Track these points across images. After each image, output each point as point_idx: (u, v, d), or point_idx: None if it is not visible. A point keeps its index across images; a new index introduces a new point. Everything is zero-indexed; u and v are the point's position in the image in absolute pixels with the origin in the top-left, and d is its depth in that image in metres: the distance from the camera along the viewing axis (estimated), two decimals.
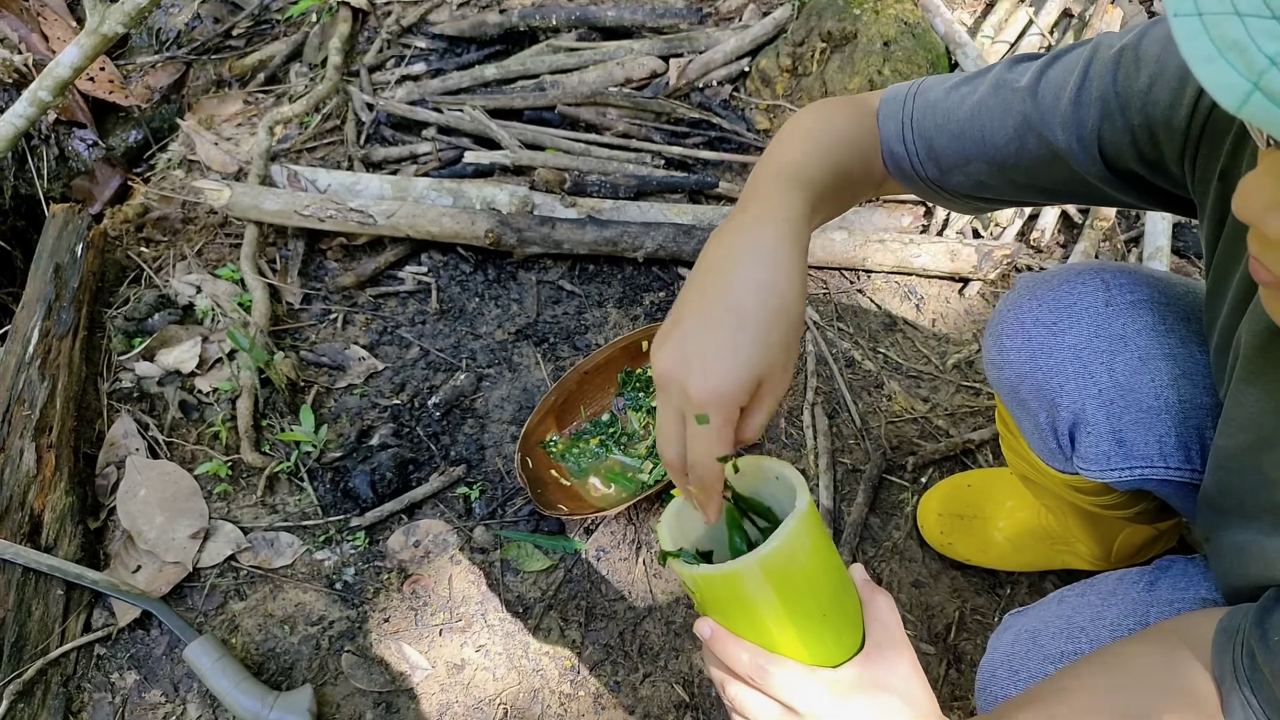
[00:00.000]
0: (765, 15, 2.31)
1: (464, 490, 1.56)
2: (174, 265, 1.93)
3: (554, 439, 1.60)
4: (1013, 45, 2.19)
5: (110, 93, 2.39)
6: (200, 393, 1.70)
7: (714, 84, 2.23)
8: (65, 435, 1.56)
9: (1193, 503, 0.91)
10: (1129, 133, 0.74)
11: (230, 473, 1.59)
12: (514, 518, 1.53)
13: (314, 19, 2.51)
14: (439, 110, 2.19)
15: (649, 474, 1.54)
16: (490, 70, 2.28)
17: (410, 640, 1.41)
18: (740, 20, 2.35)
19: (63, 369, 1.63)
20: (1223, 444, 0.80)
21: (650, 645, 1.39)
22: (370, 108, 2.22)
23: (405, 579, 1.47)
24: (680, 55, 2.26)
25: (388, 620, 1.43)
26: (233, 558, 1.50)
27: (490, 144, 2.13)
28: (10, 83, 2.29)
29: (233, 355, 1.70)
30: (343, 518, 1.54)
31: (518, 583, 1.46)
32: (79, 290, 1.76)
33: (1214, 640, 0.72)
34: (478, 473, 1.59)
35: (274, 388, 1.68)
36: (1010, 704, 0.77)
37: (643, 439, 1.60)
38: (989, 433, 1.57)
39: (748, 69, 2.24)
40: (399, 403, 1.69)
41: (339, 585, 1.47)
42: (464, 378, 1.71)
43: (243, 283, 1.84)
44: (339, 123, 2.23)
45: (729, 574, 0.68)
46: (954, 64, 2.13)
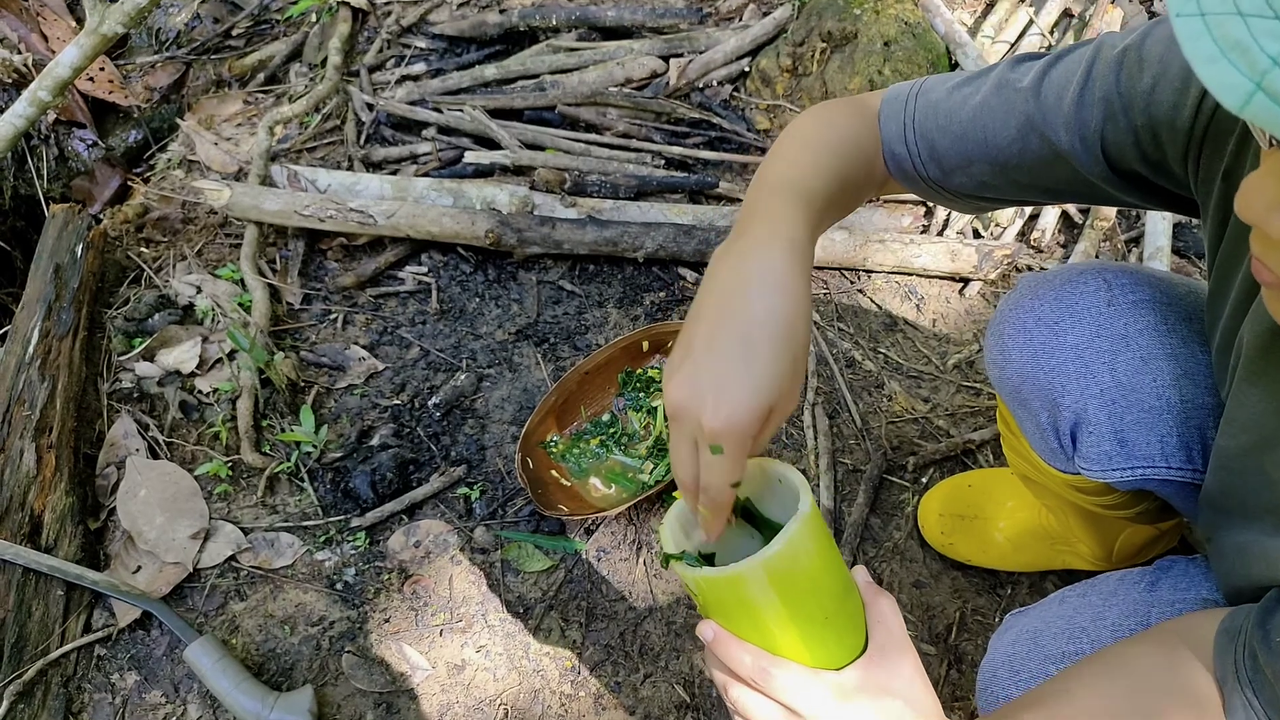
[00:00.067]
0: (765, 15, 2.31)
1: (464, 490, 1.56)
2: (174, 265, 1.93)
3: (554, 439, 1.60)
4: (1013, 45, 2.19)
5: (110, 93, 2.39)
6: (200, 393, 1.70)
7: (714, 84, 2.23)
8: (65, 436, 1.56)
9: (1194, 503, 0.91)
10: (1132, 133, 0.74)
11: (230, 473, 1.59)
12: (514, 518, 1.53)
13: (314, 19, 2.51)
14: (439, 110, 2.19)
15: (649, 474, 1.54)
16: (490, 70, 2.28)
17: (411, 641, 1.41)
18: (740, 20, 2.35)
19: (63, 369, 1.63)
20: (1224, 444, 0.80)
21: (651, 646, 1.39)
22: (370, 108, 2.22)
23: (406, 579, 1.47)
24: (680, 55, 2.25)
25: (388, 621, 1.43)
26: (233, 558, 1.49)
27: (490, 144, 2.13)
28: (10, 83, 2.28)
29: (233, 355, 1.70)
30: (343, 518, 1.54)
31: (518, 583, 1.46)
32: (79, 290, 1.75)
33: (1216, 641, 0.72)
34: (478, 473, 1.59)
35: (274, 388, 1.68)
36: (1013, 705, 0.77)
37: (643, 439, 1.60)
38: (990, 433, 1.57)
39: (748, 69, 2.24)
40: (399, 403, 1.69)
41: (339, 586, 1.47)
42: (464, 378, 1.71)
43: (243, 283, 1.84)
44: (339, 123, 2.23)
45: (732, 577, 0.68)
46: (954, 64, 2.13)
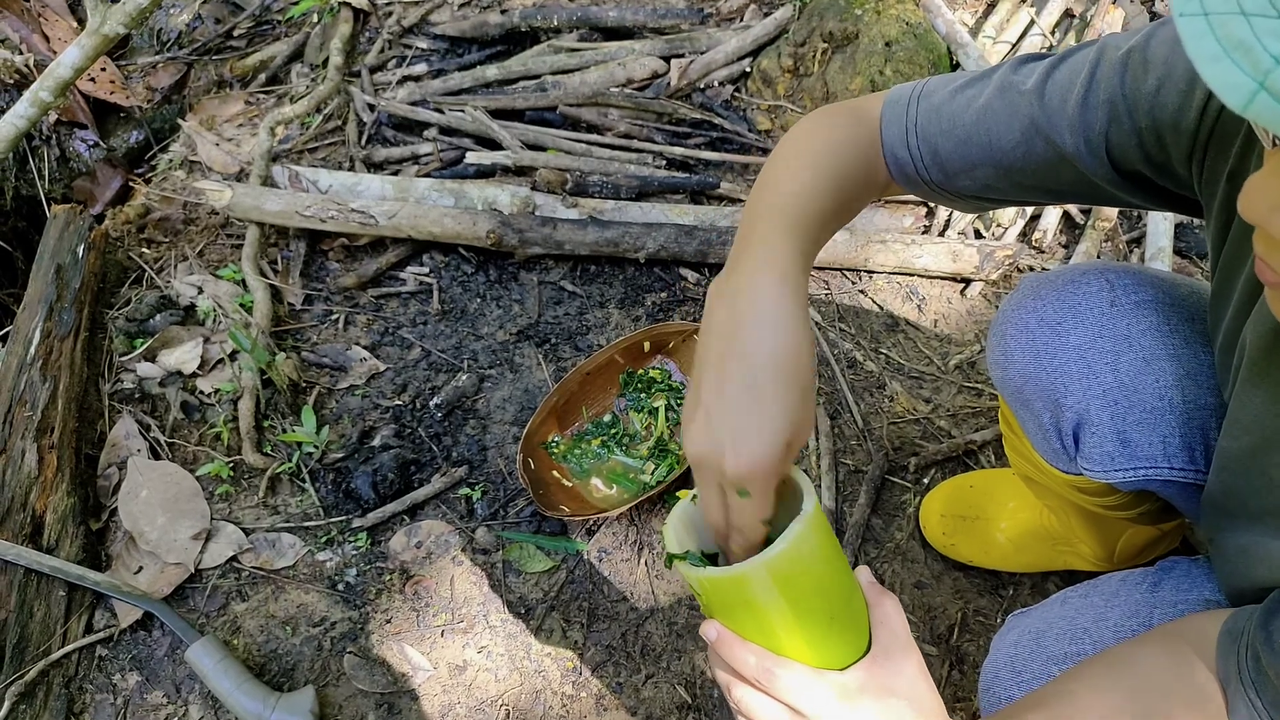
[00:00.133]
0: (766, 15, 2.31)
1: (466, 491, 1.56)
2: (175, 266, 1.93)
3: (556, 440, 1.60)
4: (1014, 46, 2.19)
5: (111, 93, 2.39)
6: (202, 393, 1.70)
7: (715, 84, 2.23)
8: (67, 436, 1.56)
9: (1196, 504, 0.91)
10: (1136, 135, 0.74)
11: (232, 473, 1.59)
12: (516, 519, 1.53)
13: (315, 19, 2.51)
14: (440, 111, 2.19)
15: (651, 475, 1.54)
16: (492, 71, 2.28)
17: (412, 641, 1.41)
18: (741, 20, 2.35)
19: (64, 370, 1.63)
20: (1227, 445, 0.80)
21: (653, 646, 1.39)
22: (372, 108, 2.22)
23: (407, 580, 1.47)
24: (681, 56, 2.25)
25: (390, 621, 1.43)
26: (234, 559, 1.49)
27: (492, 144, 2.13)
28: (11, 83, 2.29)
29: (234, 356, 1.70)
30: (344, 519, 1.54)
31: (520, 584, 1.46)
32: (80, 291, 1.76)
33: (1218, 642, 0.72)
34: (479, 474, 1.59)
35: (275, 388, 1.68)
36: (1015, 706, 0.77)
37: (644, 440, 1.60)
38: (991, 433, 1.57)
39: (749, 69, 2.24)
40: (401, 403, 1.69)
41: (341, 586, 1.47)
42: (466, 378, 1.71)
43: (244, 283, 1.84)
44: (340, 123, 2.23)
45: (736, 577, 0.68)
46: (955, 65, 2.13)
